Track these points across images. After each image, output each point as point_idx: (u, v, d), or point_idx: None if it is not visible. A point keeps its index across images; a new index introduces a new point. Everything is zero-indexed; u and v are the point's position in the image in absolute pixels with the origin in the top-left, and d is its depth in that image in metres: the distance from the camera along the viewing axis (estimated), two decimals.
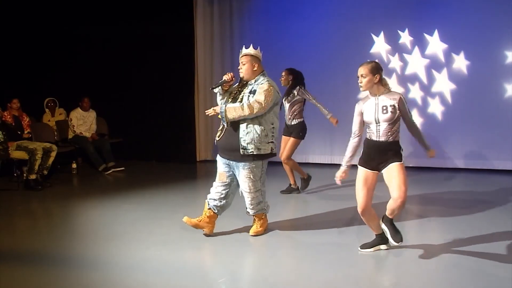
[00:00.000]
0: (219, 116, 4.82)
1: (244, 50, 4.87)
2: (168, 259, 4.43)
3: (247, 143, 4.69)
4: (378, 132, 4.14)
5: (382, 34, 8.60)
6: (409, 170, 4.77)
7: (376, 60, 4.30)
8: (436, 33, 8.31)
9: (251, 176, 4.77)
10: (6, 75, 9.17)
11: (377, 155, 4.15)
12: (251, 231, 4.98)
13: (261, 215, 5.03)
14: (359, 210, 4.23)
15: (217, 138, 4.91)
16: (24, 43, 9.49)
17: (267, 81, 4.79)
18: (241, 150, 4.70)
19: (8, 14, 8.99)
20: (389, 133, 4.11)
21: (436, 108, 8.44)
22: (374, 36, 8.61)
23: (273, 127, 4.81)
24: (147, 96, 9.79)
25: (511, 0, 7.56)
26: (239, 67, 4.89)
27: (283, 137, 6.72)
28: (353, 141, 4.32)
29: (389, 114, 4.06)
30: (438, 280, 3.89)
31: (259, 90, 4.71)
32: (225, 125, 4.79)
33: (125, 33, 9.45)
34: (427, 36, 8.38)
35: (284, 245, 4.74)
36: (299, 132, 6.61)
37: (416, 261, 4.18)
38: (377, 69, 4.13)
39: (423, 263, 4.15)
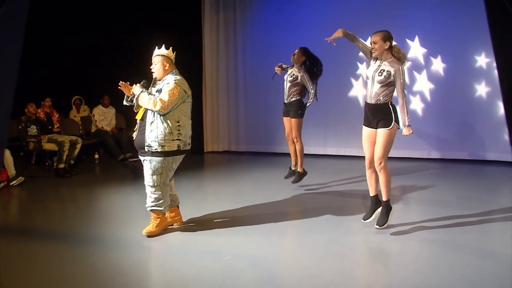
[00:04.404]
0: (128, 102, 4.61)
1: (156, 51, 4.58)
2: (180, 239, 4.49)
3: (151, 141, 4.36)
4: (371, 91, 4.24)
5: (369, 39, 8.63)
6: (391, 160, 4.85)
7: (388, 30, 4.32)
8: (416, 38, 8.38)
9: (149, 168, 4.41)
10: (38, 77, 9.32)
11: (371, 115, 4.28)
12: (144, 230, 4.51)
13: (158, 213, 4.54)
14: (366, 162, 4.38)
15: (133, 136, 4.61)
16: (55, 50, 9.65)
17: (174, 80, 4.43)
18: (145, 148, 4.39)
19: (40, 23, 9.08)
20: (380, 96, 4.20)
21: (417, 105, 8.53)
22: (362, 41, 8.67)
23: (178, 125, 4.40)
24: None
25: (482, 11, 7.61)
26: (151, 67, 4.59)
27: (284, 118, 6.27)
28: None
29: (382, 77, 4.17)
30: (416, 252, 4.04)
31: (164, 89, 4.38)
32: (134, 104, 4.53)
33: (144, 41, 9.52)
34: (408, 41, 8.43)
35: (281, 230, 4.73)
36: (297, 110, 6.08)
37: (398, 237, 4.31)
38: (388, 37, 4.21)
39: (404, 238, 4.30)
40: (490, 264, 3.73)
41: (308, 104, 6.15)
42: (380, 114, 4.23)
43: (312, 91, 6.06)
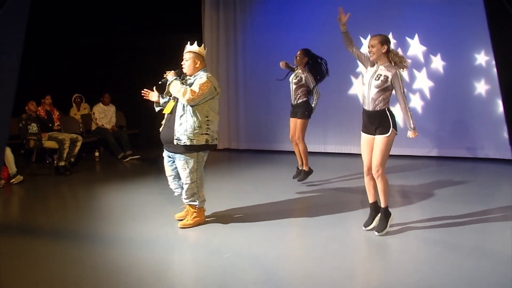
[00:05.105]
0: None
1: (188, 47, 4.62)
2: (180, 236, 4.50)
3: (180, 134, 4.45)
4: (368, 97, 4.18)
5: (369, 37, 8.65)
6: (390, 158, 4.83)
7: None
8: (416, 36, 8.38)
9: (186, 167, 4.53)
10: (39, 75, 9.34)
11: (369, 122, 4.24)
12: (180, 223, 4.69)
13: (194, 207, 4.67)
14: (365, 169, 4.32)
15: (160, 130, 4.71)
16: (55, 48, 9.69)
17: (206, 76, 4.52)
18: (174, 141, 4.48)
19: (41, 23, 9.11)
20: (377, 101, 4.14)
21: (416, 103, 8.53)
22: (362, 39, 8.67)
23: (207, 120, 4.49)
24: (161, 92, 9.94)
25: (482, 9, 7.62)
26: (182, 63, 4.63)
27: (291, 119, 6.31)
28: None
29: (379, 82, 4.11)
30: (416, 250, 4.05)
31: (196, 83, 4.45)
32: (163, 96, 4.66)
33: (145, 42, 9.62)
34: (408, 39, 8.44)
35: (281, 228, 4.74)
36: (304, 111, 6.16)
37: (398, 236, 4.32)
38: (385, 41, 4.16)
39: (404, 237, 4.30)
40: (490, 262, 3.74)
41: (314, 105, 6.23)
42: (378, 120, 4.18)
43: (317, 92, 6.18)
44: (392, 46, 8.61)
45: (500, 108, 7.76)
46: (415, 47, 8.42)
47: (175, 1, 9.52)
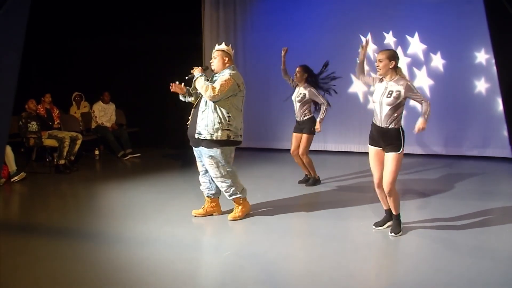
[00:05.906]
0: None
1: (216, 47, 4.78)
2: (179, 235, 4.49)
3: (201, 129, 4.58)
4: (381, 115, 4.14)
5: (369, 35, 8.64)
6: None
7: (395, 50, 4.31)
8: (416, 35, 8.38)
9: (213, 163, 4.65)
10: (38, 73, 9.34)
11: (379, 138, 4.20)
12: (230, 216, 4.84)
13: (238, 200, 4.83)
14: (375, 182, 4.30)
15: (188, 126, 4.82)
16: (55, 47, 9.71)
17: (229, 73, 4.61)
18: (195, 135, 4.62)
19: (42, 22, 9.11)
20: (390, 119, 4.12)
21: None
22: (362, 37, 8.66)
23: (229, 116, 4.58)
24: (161, 92, 9.89)
25: (482, 8, 7.62)
26: (211, 61, 4.79)
27: (294, 134, 6.30)
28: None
29: (391, 99, 4.07)
30: (416, 249, 4.06)
31: (218, 80, 4.57)
32: (191, 92, 4.79)
33: (145, 41, 9.61)
34: (408, 37, 8.44)
35: (281, 226, 4.74)
36: (310, 127, 6.15)
37: (397, 236, 4.31)
38: (394, 56, 4.13)
39: (404, 236, 4.30)
40: (490, 261, 3.74)
41: (322, 117, 6.17)
42: (389, 138, 4.15)
43: (324, 102, 6.10)
44: (392, 46, 8.65)
45: (500, 106, 7.77)
46: (415, 46, 8.41)
47: (175, 1, 9.51)
